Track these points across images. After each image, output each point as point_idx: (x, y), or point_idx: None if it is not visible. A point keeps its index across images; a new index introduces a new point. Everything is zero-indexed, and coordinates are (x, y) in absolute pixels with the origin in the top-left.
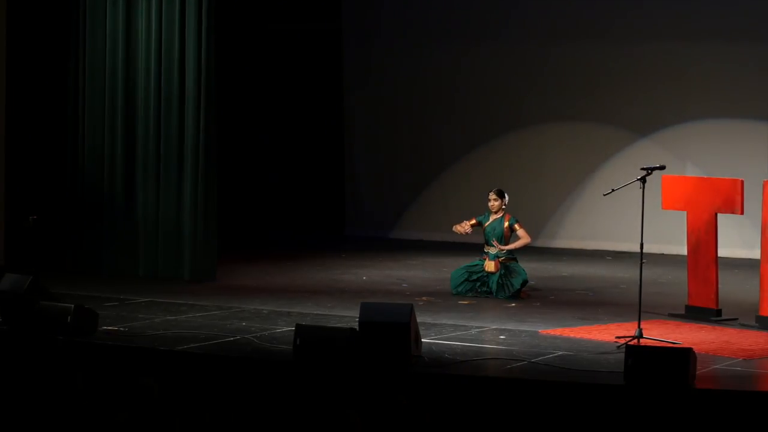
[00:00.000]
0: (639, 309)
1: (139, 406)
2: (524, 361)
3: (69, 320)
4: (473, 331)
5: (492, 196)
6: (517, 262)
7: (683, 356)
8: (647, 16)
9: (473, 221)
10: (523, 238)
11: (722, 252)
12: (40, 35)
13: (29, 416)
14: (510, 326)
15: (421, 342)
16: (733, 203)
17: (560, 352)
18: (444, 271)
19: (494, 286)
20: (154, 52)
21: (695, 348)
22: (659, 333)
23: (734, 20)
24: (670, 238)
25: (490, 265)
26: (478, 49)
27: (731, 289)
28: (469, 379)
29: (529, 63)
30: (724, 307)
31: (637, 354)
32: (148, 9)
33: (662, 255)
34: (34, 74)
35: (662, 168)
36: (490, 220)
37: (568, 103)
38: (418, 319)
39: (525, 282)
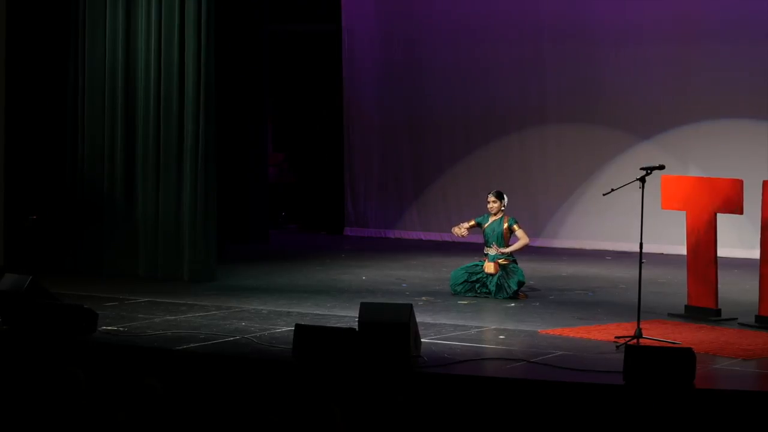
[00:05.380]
0: (638, 309)
1: (143, 406)
2: (523, 361)
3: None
4: (473, 331)
5: (491, 198)
6: (516, 263)
7: (683, 356)
8: (648, 17)
9: (472, 222)
10: (522, 239)
11: (721, 252)
12: (39, 35)
13: (30, 416)
14: (509, 326)
15: (421, 342)
16: (733, 203)
17: (560, 352)
18: (444, 271)
19: (493, 287)
20: (154, 52)
21: (695, 348)
22: (659, 333)
23: (734, 21)
24: (670, 238)
25: (489, 267)
26: (479, 49)
27: (731, 289)
28: (468, 379)
29: (529, 63)
30: (724, 307)
31: (636, 354)
32: (148, 9)
33: (662, 255)
34: (34, 74)
35: (661, 168)
36: (490, 221)
37: (569, 104)
38: (418, 319)
39: (522, 283)
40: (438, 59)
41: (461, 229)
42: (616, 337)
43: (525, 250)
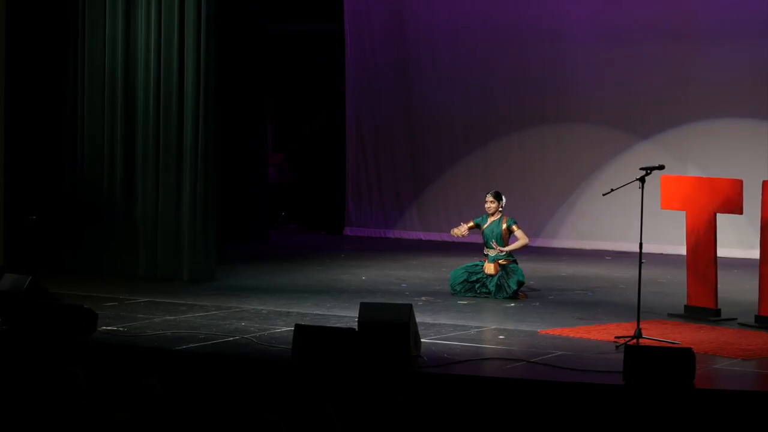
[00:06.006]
0: (638, 309)
1: (143, 406)
2: (523, 361)
3: (68, 320)
4: (472, 331)
5: (489, 198)
6: (516, 263)
7: (682, 356)
8: (648, 17)
9: (471, 223)
10: (521, 239)
11: (721, 252)
12: (39, 35)
13: (30, 416)
14: (509, 326)
15: (421, 342)
16: (733, 203)
17: (559, 352)
18: (444, 271)
19: (493, 288)
20: (154, 51)
21: (694, 348)
22: (658, 333)
23: (734, 20)
24: (670, 238)
25: (489, 268)
26: (479, 49)
27: (730, 289)
28: (468, 379)
29: (529, 63)
30: (723, 307)
31: (636, 354)
32: (148, 9)
33: (661, 255)
34: (34, 74)
35: (661, 168)
36: (488, 222)
37: (568, 104)
38: (418, 319)
39: (522, 283)
40: (438, 59)
41: (461, 230)
42: (615, 337)
43: (524, 250)
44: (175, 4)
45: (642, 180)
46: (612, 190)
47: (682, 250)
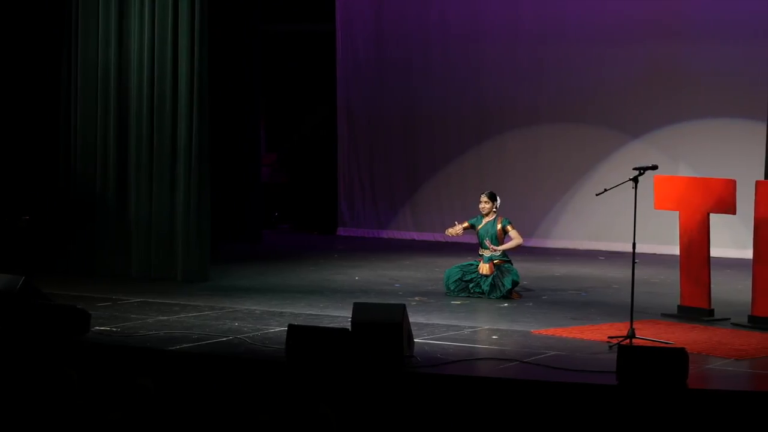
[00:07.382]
0: (631, 309)
1: (135, 406)
2: (516, 361)
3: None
4: (466, 331)
5: (483, 198)
6: (510, 263)
7: (676, 356)
8: (641, 17)
9: (465, 224)
10: (515, 239)
11: (714, 252)
12: (32, 35)
13: (23, 416)
14: (502, 326)
15: (414, 342)
16: (726, 204)
17: (553, 352)
18: (437, 271)
19: (487, 288)
20: (147, 52)
21: (688, 348)
22: (652, 333)
23: (729, 20)
24: (663, 238)
25: (484, 268)
26: (472, 49)
27: (723, 289)
28: (461, 380)
29: (522, 63)
30: (716, 307)
31: (629, 354)
32: (141, 9)
33: (655, 255)
34: (27, 75)
35: (654, 168)
36: (483, 222)
37: (561, 104)
38: (411, 320)
39: (516, 282)
40: (431, 59)
41: (455, 229)
42: (609, 337)
43: (518, 250)
44: (168, 3)
45: (635, 180)
46: (605, 190)
47: (675, 250)
